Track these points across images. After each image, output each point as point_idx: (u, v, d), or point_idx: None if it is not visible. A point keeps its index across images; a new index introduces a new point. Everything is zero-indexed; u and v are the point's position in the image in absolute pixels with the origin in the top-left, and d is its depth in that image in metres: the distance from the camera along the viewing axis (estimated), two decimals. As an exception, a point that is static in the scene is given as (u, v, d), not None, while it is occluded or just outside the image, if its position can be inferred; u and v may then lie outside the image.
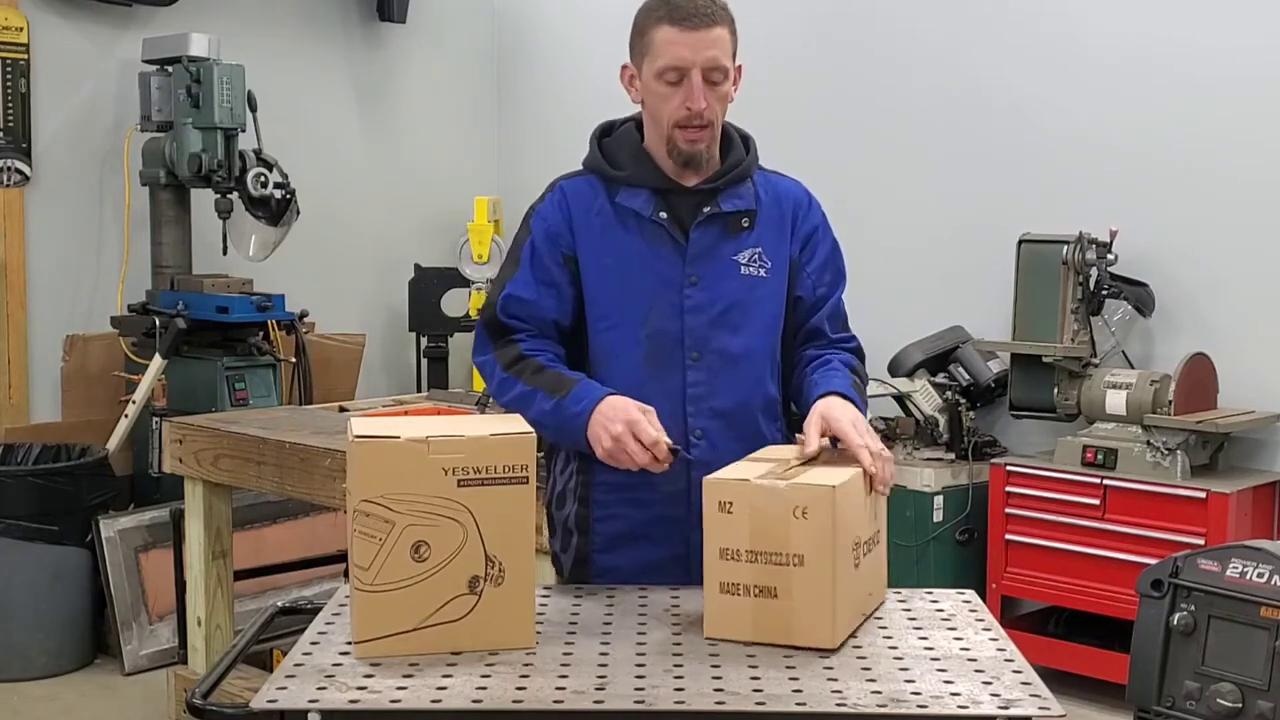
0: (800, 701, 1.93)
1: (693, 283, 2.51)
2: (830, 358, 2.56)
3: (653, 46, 2.45)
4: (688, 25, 2.41)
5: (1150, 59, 5.17)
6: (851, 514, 2.18)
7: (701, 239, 2.52)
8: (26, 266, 5.68)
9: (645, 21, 2.47)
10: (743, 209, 2.54)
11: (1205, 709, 3.04)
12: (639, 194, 2.53)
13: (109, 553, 5.09)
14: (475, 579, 2.12)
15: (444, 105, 7.15)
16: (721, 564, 2.17)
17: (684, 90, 2.43)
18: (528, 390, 2.47)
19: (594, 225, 2.54)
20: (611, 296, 2.53)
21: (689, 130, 2.46)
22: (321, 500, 3.90)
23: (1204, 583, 3.08)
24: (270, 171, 5.59)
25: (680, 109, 2.44)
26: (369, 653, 2.10)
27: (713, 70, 2.44)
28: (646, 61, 2.47)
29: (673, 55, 2.42)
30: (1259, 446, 4.96)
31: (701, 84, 2.42)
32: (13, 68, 5.58)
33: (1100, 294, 5.00)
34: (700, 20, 2.42)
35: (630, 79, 2.54)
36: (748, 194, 2.56)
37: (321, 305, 6.15)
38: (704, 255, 2.52)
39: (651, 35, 2.45)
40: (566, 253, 2.54)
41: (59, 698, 4.89)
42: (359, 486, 2.09)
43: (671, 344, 2.50)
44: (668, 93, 2.45)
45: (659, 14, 2.44)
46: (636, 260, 2.52)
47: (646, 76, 2.48)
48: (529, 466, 2.13)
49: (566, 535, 2.62)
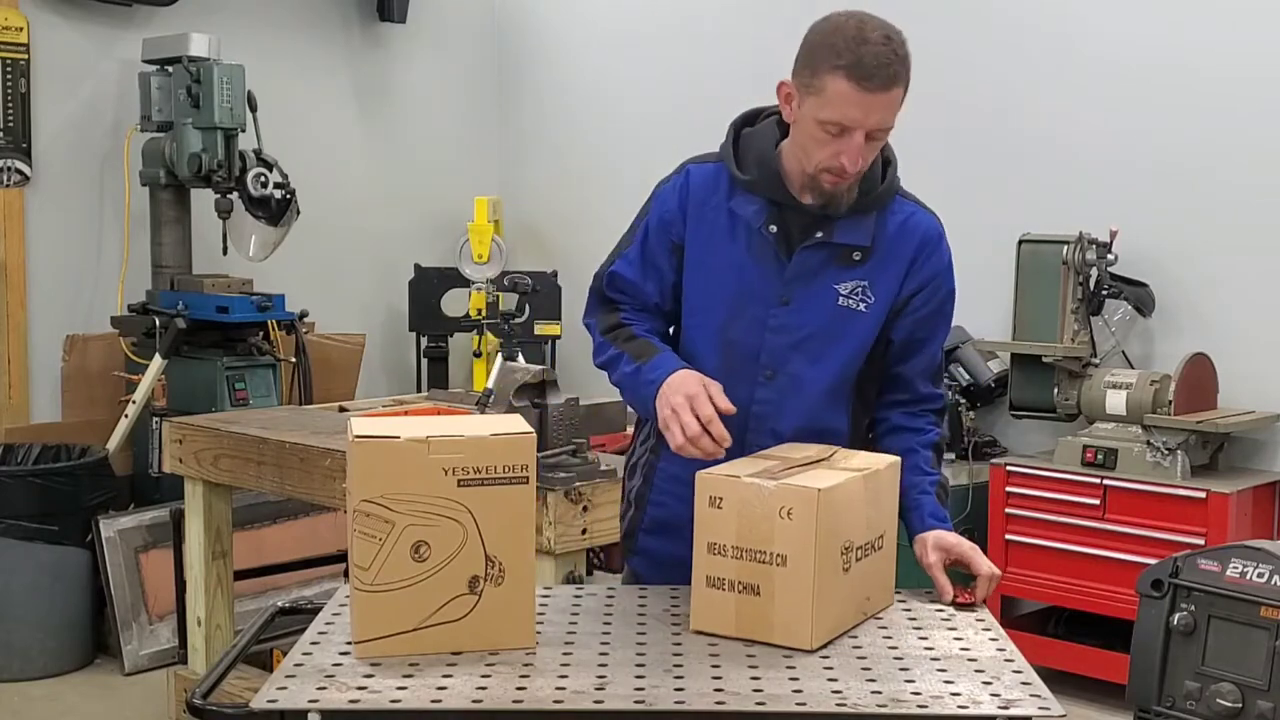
0: (800, 702, 1.93)
1: (784, 303, 2.45)
2: (915, 447, 2.51)
3: (824, 93, 2.28)
4: (867, 86, 2.25)
5: (1151, 59, 5.17)
6: (842, 517, 2.18)
7: (805, 262, 2.44)
8: (26, 266, 5.68)
9: (822, 60, 2.28)
10: (855, 244, 2.43)
11: (1205, 709, 3.04)
12: (753, 202, 2.44)
13: (109, 553, 5.09)
14: (475, 579, 2.11)
15: (444, 105, 7.15)
16: (709, 558, 2.19)
17: (843, 143, 2.30)
18: (616, 354, 2.50)
19: (706, 220, 2.48)
20: (703, 296, 2.50)
21: (833, 176, 2.35)
22: (321, 500, 3.90)
23: (1204, 583, 3.08)
24: (270, 171, 5.59)
25: (834, 160, 2.32)
26: (369, 653, 2.09)
27: (878, 131, 2.33)
28: (811, 100, 2.30)
29: (842, 113, 2.27)
30: (1259, 446, 4.96)
31: (862, 142, 2.30)
32: (13, 68, 5.58)
33: (1100, 294, 5.00)
34: (882, 82, 2.26)
35: (787, 97, 2.37)
36: (867, 228, 2.44)
37: (321, 305, 6.15)
38: (803, 278, 2.44)
39: (825, 80, 2.27)
40: (676, 240, 2.51)
41: (59, 698, 4.89)
42: (359, 486, 2.09)
43: (748, 358, 2.45)
44: (825, 139, 2.31)
45: (841, 62, 2.25)
46: (733, 266, 2.46)
47: (807, 113, 2.32)
48: (529, 466, 2.12)
49: (627, 506, 2.66)
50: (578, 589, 2.53)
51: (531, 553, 2.17)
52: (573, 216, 6.92)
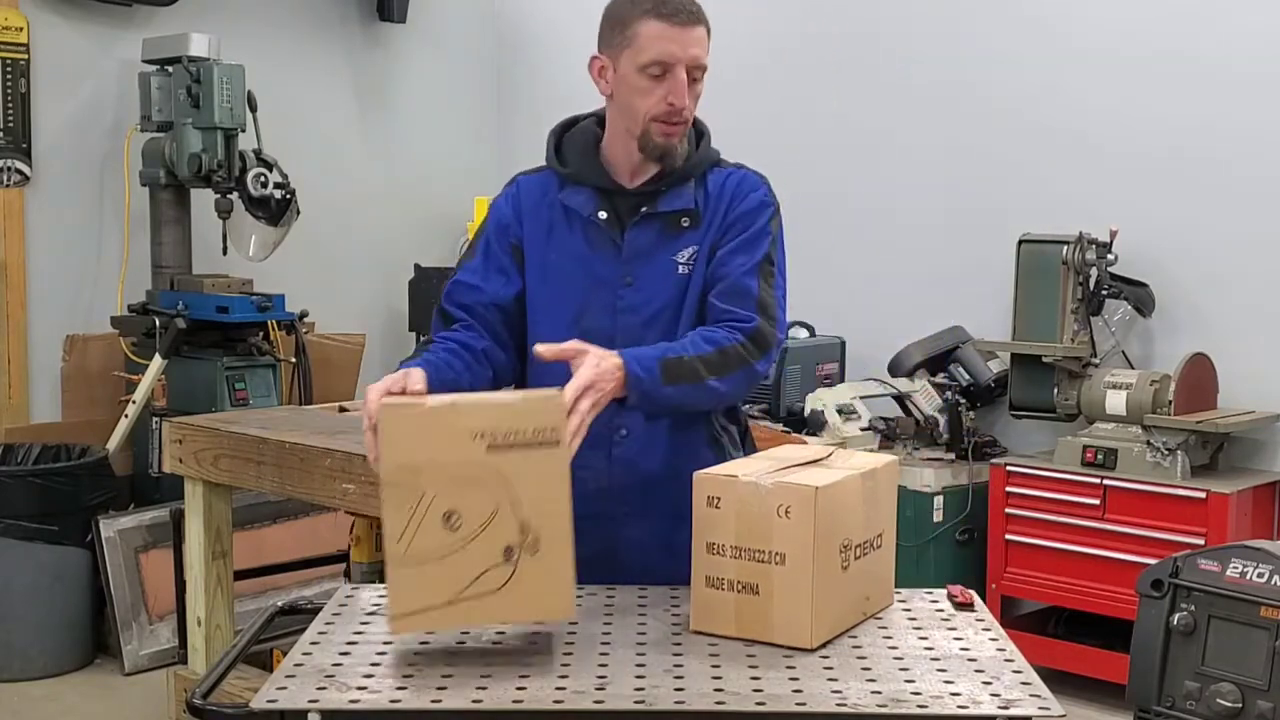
0: (800, 702, 1.93)
1: (628, 284, 2.50)
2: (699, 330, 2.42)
3: (637, 40, 2.43)
4: (676, 21, 2.41)
5: (1151, 58, 5.17)
6: (841, 516, 2.18)
7: (637, 239, 2.51)
8: (26, 266, 5.68)
9: (628, 13, 2.45)
10: (681, 208, 2.51)
11: (1205, 709, 3.04)
12: (581, 192, 2.53)
13: (109, 553, 5.09)
14: (510, 548, 2.04)
15: (444, 105, 7.15)
16: (708, 559, 2.19)
17: (666, 85, 2.42)
18: None
19: (541, 220, 2.55)
20: (548, 293, 2.54)
21: (666, 125, 2.45)
22: (321, 500, 3.89)
23: (1204, 583, 3.09)
24: (270, 171, 5.59)
25: (661, 104, 2.43)
26: (406, 627, 2.04)
27: (695, 68, 2.44)
28: (627, 54, 2.44)
29: (660, 50, 2.41)
30: (1259, 446, 4.96)
31: (685, 80, 2.42)
32: (13, 68, 5.59)
33: (1100, 294, 5.00)
34: (688, 17, 2.42)
35: (601, 70, 2.51)
36: (688, 193, 2.52)
37: (321, 305, 6.15)
38: (640, 256, 2.51)
39: (636, 28, 2.43)
40: (514, 242, 2.56)
41: (59, 698, 4.89)
42: (386, 454, 2.02)
43: (603, 343, 2.36)
44: (649, 87, 2.43)
45: (644, 7, 2.42)
46: (575, 259, 2.52)
47: (625, 69, 2.45)
48: (558, 430, 2.05)
49: None
50: (577, 589, 2.53)
51: (568, 520, 2.06)
52: (573, 216, 6.91)
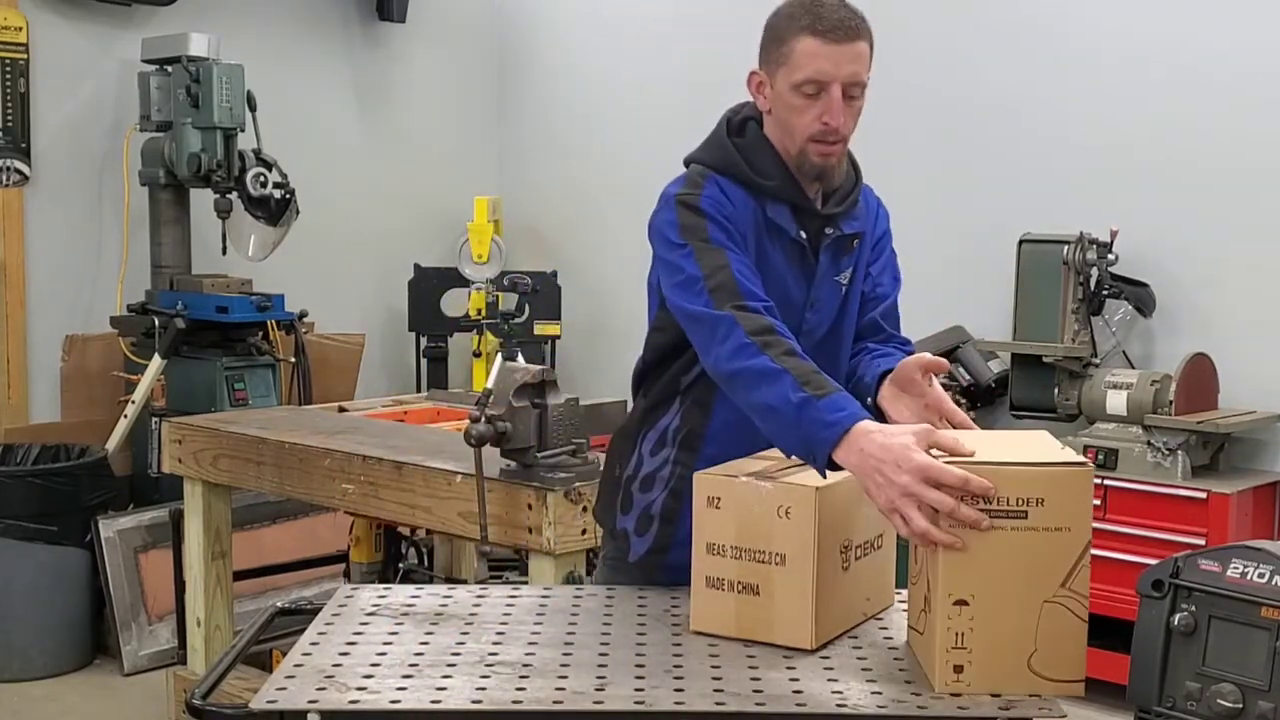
0: (800, 702, 1.93)
1: (812, 306, 2.47)
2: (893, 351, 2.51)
3: (792, 57, 2.35)
4: (832, 38, 2.32)
5: (1151, 58, 5.17)
6: (841, 516, 2.18)
7: (824, 262, 2.47)
8: (26, 266, 5.68)
9: (785, 30, 2.37)
10: (858, 231, 2.51)
11: (1206, 709, 3.03)
12: (784, 210, 2.44)
13: (108, 553, 5.09)
14: None
15: (444, 105, 7.15)
16: (708, 559, 2.19)
17: (822, 104, 2.35)
18: (773, 369, 2.17)
19: (749, 228, 2.44)
20: None
21: (823, 145, 2.38)
22: (321, 500, 3.89)
23: (1204, 583, 3.07)
24: (270, 171, 5.59)
25: (816, 123, 2.36)
26: None
27: (852, 85, 2.36)
28: (783, 71, 2.37)
29: (814, 69, 2.33)
30: (1259, 447, 4.96)
31: (841, 99, 2.35)
32: (12, 68, 5.58)
33: (1100, 294, 5.00)
34: (845, 33, 2.33)
35: (759, 86, 2.44)
36: (861, 215, 2.52)
37: (321, 305, 6.15)
38: (823, 279, 2.48)
39: (791, 45, 2.35)
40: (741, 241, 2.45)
41: (59, 698, 4.89)
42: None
43: None
44: (804, 105, 2.36)
45: (802, 24, 2.34)
46: (776, 276, 2.44)
47: (781, 87, 2.38)
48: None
49: (647, 520, 2.53)
50: (577, 589, 2.53)
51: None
52: (573, 216, 6.92)
